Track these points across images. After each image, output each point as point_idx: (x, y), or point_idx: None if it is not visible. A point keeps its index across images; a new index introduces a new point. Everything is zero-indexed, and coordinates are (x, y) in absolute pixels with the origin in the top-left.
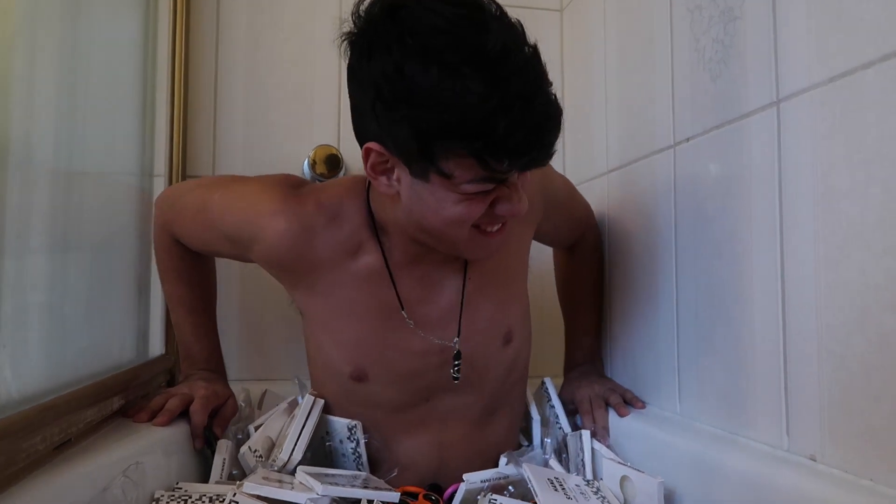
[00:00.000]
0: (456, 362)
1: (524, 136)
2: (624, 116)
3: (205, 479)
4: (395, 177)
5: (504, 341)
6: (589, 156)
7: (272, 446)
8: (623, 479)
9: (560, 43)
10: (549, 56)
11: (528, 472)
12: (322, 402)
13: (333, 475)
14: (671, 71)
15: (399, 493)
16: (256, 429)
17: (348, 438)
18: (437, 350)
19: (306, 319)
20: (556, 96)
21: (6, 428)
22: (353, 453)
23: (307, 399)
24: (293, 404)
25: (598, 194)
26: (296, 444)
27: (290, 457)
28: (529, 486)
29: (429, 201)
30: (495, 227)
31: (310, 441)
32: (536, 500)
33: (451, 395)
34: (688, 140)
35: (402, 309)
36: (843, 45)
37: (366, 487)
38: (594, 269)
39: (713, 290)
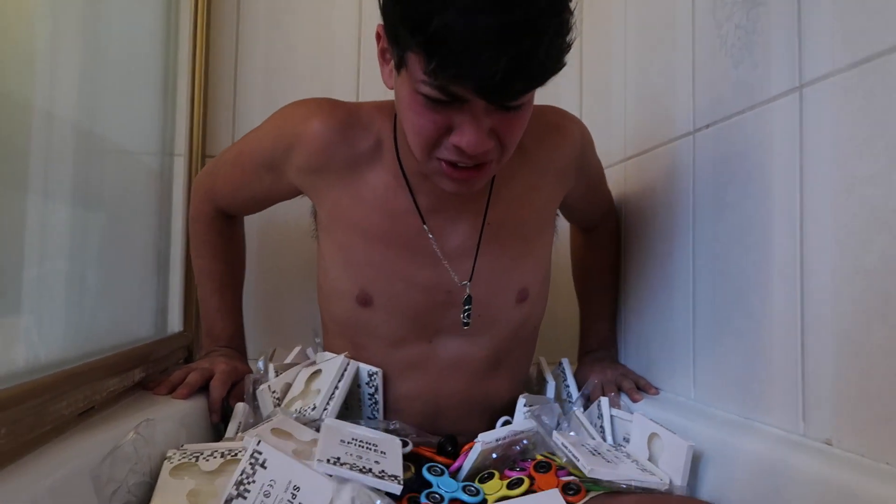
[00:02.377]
0: (466, 307)
1: (470, 50)
2: (643, 103)
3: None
4: (390, 66)
5: (517, 298)
6: (606, 143)
7: (288, 389)
8: (652, 436)
9: (580, 28)
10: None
11: (562, 439)
12: (356, 365)
13: (352, 441)
14: (692, 57)
15: (401, 486)
16: (277, 371)
17: (367, 384)
18: (444, 288)
19: (323, 240)
20: (554, 33)
21: (34, 390)
22: (370, 399)
23: (341, 360)
24: (303, 353)
25: (614, 182)
26: (328, 404)
27: (322, 414)
28: (566, 452)
29: (401, 100)
30: (457, 163)
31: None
32: (578, 465)
33: (454, 341)
34: (708, 126)
35: (425, 223)
36: (868, 29)
37: (382, 452)
38: (611, 256)
39: (731, 277)
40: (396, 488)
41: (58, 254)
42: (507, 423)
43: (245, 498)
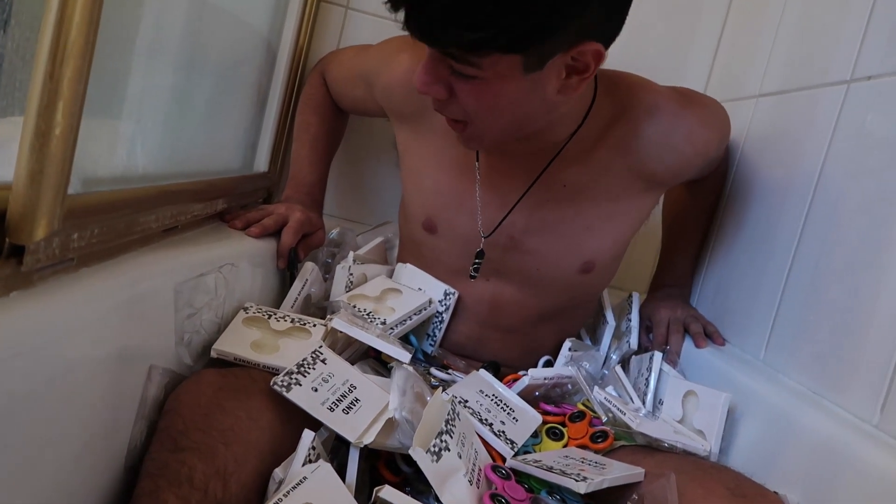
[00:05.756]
0: (477, 259)
1: None
2: (798, 36)
3: (282, 298)
4: None
5: (581, 269)
6: (742, 73)
7: (364, 281)
8: (687, 394)
9: None
10: None
11: (604, 394)
12: (435, 309)
13: (491, 396)
14: None
15: (511, 452)
16: (356, 260)
17: (440, 301)
18: (500, 228)
19: (401, 166)
20: None
21: (130, 199)
22: (438, 317)
23: (425, 301)
24: (382, 247)
25: (740, 118)
26: (396, 328)
27: (389, 332)
28: (609, 407)
29: None
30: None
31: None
32: (625, 420)
33: (509, 286)
34: (868, 79)
35: (477, 160)
36: None
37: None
38: (710, 199)
39: (845, 247)
40: (508, 451)
41: (167, 69)
42: (548, 363)
43: (305, 376)
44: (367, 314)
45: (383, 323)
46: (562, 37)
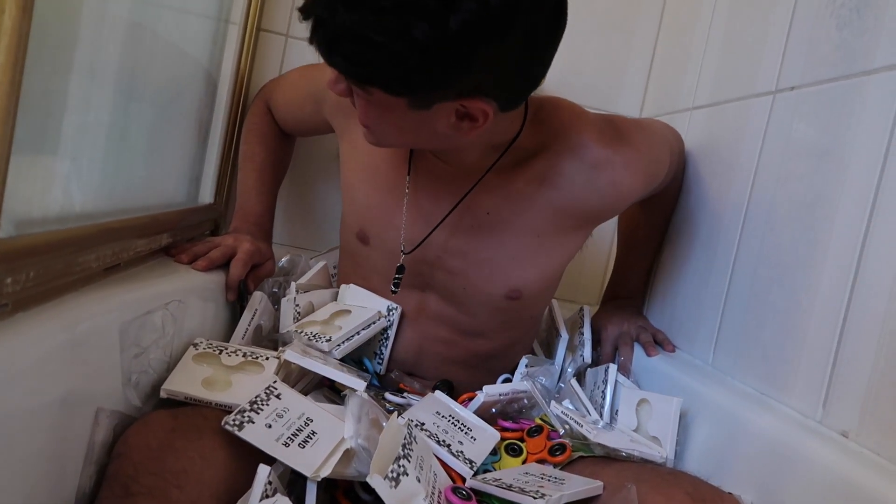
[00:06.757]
0: (397, 275)
1: (307, 9)
2: (726, 51)
3: (233, 331)
4: None
5: (507, 296)
6: (675, 87)
7: (311, 310)
8: (640, 402)
9: None
10: None
11: (560, 408)
12: (384, 323)
13: (447, 417)
14: (792, 9)
15: (471, 472)
16: (299, 289)
17: (384, 318)
18: (427, 245)
19: (340, 178)
20: (395, 23)
21: (67, 239)
22: (382, 333)
23: (374, 314)
24: (325, 270)
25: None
26: (343, 344)
27: (335, 349)
28: (566, 420)
29: None
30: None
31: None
32: (583, 432)
33: (442, 301)
34: (792, 89)
35: (409, 174)
36: None
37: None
38: (663, 216)
39: (780, 251)
40: (467, 471)
41: (104, 103)
42: (506, 380)
43: (258, 413)
44: (314, 335)
45: (328, 340)
46: (444, 91)
